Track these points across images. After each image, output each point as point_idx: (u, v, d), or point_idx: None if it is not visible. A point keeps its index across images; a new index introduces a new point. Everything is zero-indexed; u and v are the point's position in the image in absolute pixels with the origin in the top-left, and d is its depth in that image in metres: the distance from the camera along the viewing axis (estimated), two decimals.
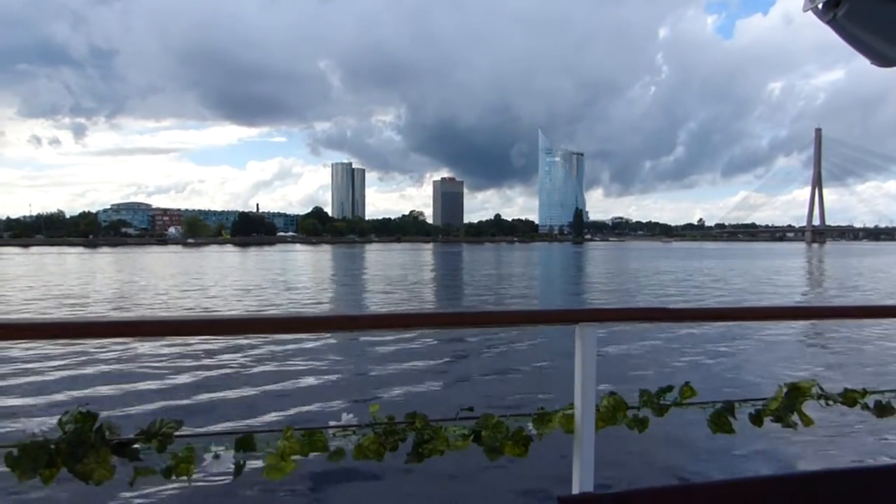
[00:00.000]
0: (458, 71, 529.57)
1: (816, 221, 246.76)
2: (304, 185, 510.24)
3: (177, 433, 1.80)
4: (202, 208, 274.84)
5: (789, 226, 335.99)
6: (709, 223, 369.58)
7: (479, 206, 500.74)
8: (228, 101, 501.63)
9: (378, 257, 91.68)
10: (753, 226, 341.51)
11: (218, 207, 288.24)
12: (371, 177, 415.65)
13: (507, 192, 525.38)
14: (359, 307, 29.23)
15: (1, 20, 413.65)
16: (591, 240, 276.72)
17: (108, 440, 1.74)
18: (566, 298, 33.13)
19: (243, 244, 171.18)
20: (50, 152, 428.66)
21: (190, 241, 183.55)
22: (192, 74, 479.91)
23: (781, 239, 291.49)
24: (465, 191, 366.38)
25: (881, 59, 1.44)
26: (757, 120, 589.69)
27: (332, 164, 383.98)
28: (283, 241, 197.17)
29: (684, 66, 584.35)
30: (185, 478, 1.78)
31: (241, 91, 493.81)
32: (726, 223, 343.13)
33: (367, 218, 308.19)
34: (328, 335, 15.96)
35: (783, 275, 50.59)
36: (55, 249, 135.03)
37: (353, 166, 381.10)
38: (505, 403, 10.54)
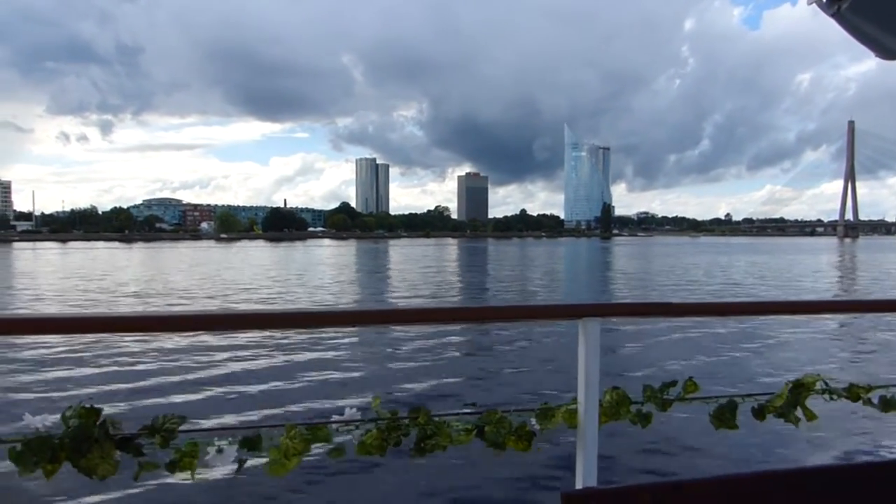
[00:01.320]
0: (481, 65, 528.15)
1: (848, 216, 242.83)
2: (327, 181, 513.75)
3: (180, 428, 1.79)
4: (229, 203, 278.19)
5: (818, 220, 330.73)
6: (734, 218, 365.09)
7: (501, 200, 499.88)
8: (252, 97, 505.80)
9: (412, 252, 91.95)
10: (782, 220, 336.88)
11: (241, 203, 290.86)
12: (393, 172, 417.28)
13: (528, 186, 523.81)
14: (412, 302, 29.42)
15: (31, 19, 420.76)
16: (618, 235, 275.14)
17: (111, 435, 1.74)
18: (609, 298, 32.89)
19: (275, 239, 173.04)
20: (77, 149, 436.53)
21: (223, 236, 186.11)
22: (216, 71, 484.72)
23: (812, 233, 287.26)
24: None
25: (885, 52, 1.43)
26: (784, 113, 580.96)
27: (357, 160, 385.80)
28: (314, 236, 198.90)
29: (710, 58, 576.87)
30: (188, 473, 1.77)
31: (265, 87, 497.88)
32: (754, 218, 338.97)
33: (390, 213, 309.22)
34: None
35: (852, 272, 49.74)
36: (94, 244, 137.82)
37: (377, 161, 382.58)
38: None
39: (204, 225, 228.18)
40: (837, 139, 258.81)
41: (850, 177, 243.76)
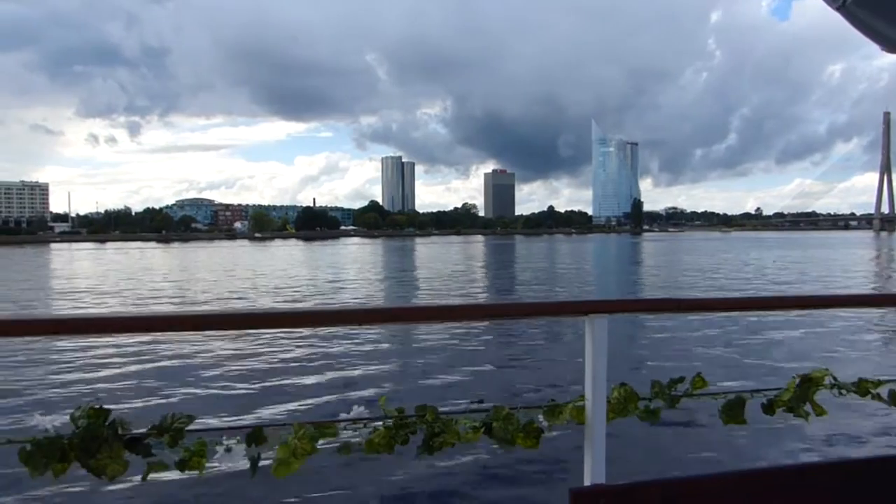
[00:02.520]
0: (505, 61, 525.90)
1: (884, 208, 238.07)
2: (351, 180, 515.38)
3: (188, 428, 1.78)
4: (258, 203, 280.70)
5: (852, 214, 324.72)
6: (764, 212, 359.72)
7: (526, 197, 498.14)
8: (277, 97, 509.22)
9: (448, 250, 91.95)
10: (814, 214, 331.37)
11: (267, 202, 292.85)
12: (417, 170, 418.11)
13: (553, 183, 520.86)
14: (475, 297, 29.72)
15: (58, 23, 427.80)
16: (648, 231, 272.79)
17: (120, 435, 1.73)
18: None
19: (308, 238, 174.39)
20: (106, 150, 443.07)
21: (257, 235, 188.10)
22: (241, 71, 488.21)
23: (846, 227, 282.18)
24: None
25: (891, 46, 1.42)
26: (814, 105, 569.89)
27: (382, 158, 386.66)
28: (346, 234, 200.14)
29: (738, 50, 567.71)
30: (197, 472, 1.77)
31: (290, 86, 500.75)
32: (785, 212, 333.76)
33: (416, 211, 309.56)
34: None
35: None
36: (134, 245, 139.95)
37: (403, 160, 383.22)
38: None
39: (238, 224, 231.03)
40: (870, 131, 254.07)
41: (886, 169, 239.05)
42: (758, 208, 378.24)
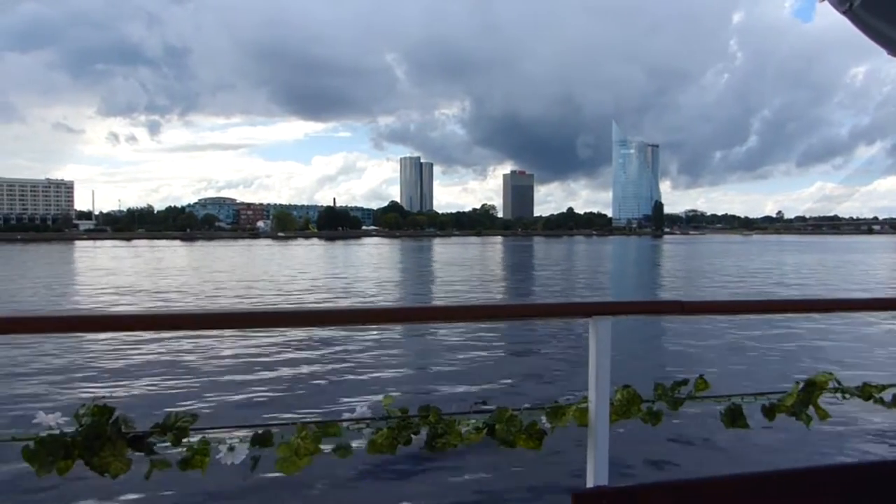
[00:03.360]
0: (523, 62, 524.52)
1: None
2: (368, 179, 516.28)
3: (192, 427, 1.80)
4: (278, 202, 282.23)
5: (874, 218, 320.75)
6: (785, 215, 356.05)
7: (543, 199, 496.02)
8: (296, 97, 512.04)
9: (473, 251, 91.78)
10: (836, 218, 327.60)
11: (284, 201, 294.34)
12: (435, 171, 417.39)
13: (571, 184, 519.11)
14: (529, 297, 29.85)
15: (80, 22, 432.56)
16: (669, 233, 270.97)
17: (124, 434, 1.74)
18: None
19: (330, 238, 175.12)
20: (126, 149, 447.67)
21: (280, 234, 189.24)
22: (261, 71, 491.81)
23: (869, 232, 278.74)
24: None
25: None
26: (836, 107, 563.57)
27: (401, 159, 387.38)
28: (367, 234, 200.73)
29: (759, 51, 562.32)
30: (200, 471, 1.78)
31: (308, 86, 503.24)
32: (806, 216, 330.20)
33: (434, 211, 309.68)
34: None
35: None
36: (160, 243, 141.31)
37: (422, 160, 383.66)
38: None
39: (260, 224, 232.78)
40: (893, 134, 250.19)
41: None
42: (779, 212, 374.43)
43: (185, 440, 1.79)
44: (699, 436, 7.61)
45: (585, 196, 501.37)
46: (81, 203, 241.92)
